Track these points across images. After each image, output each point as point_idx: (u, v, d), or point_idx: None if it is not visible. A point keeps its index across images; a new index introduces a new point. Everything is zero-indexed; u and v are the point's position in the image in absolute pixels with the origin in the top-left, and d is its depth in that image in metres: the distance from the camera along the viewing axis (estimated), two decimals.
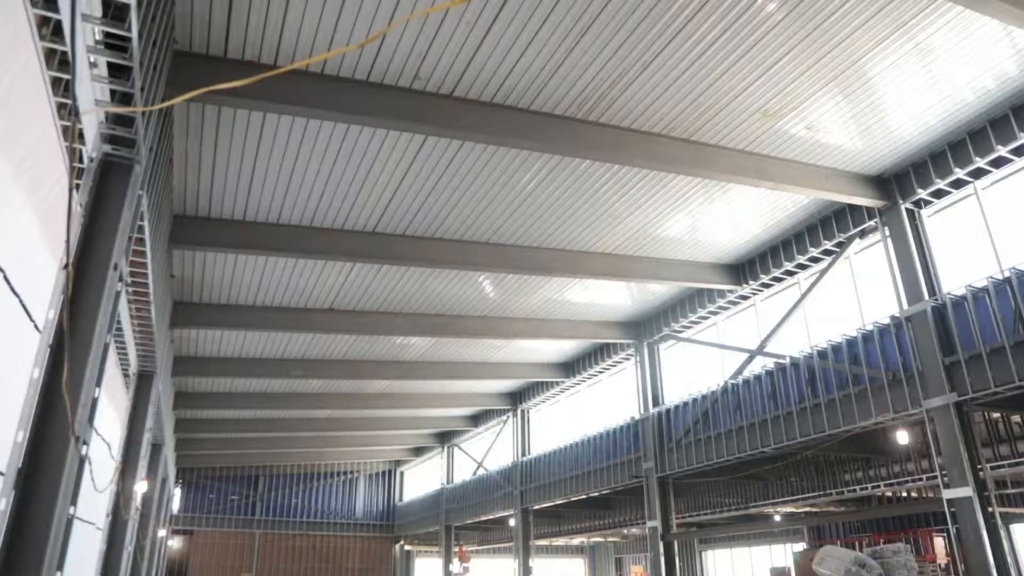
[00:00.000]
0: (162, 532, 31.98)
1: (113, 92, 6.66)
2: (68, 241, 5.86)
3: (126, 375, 15.00)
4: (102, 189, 7.43)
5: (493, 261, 15.72)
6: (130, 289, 11.22)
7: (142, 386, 15.91)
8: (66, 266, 6.28)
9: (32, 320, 6.05)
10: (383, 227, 14.79)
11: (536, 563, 28.32)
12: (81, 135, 6.46)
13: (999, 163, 12.76)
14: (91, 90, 6.29)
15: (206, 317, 17.95)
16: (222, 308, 18.04)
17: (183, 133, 11.35)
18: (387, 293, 18.08)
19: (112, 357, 12.48)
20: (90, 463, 7.77)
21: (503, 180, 13.36)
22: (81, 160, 6.95)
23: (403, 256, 15.08)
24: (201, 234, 13.92)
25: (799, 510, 27.56)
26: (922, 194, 13.70)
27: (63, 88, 5.64)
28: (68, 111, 5.80)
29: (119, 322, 11.39)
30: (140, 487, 16.24)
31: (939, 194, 13.79)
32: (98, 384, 7.21)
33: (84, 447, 6.91)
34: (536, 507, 27.81)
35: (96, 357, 7.06)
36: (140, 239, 9.70)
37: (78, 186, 6.98)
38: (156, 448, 21.88)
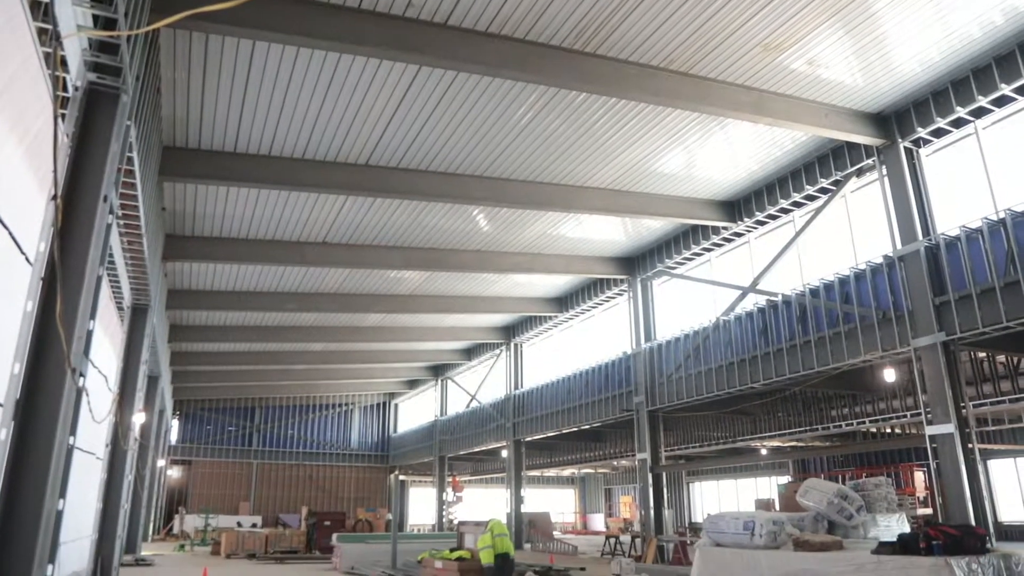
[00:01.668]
0: (161, 462, 32.64)
1: (96, 17, 6.45)
2: (55, 172, 5.77)
3: (120, 308, 15.01)
4: (89, 119, 7.27)
5: (487, 195, 15.60)
6: (121, 222, 11.12)
7: (136, 319, 15.95)
8: (54, 197, 6.20)
9: (23, 253, 6.01)
10: (376, 160, 14.61)
11: (528, 493, 29.05)
12: (64, 62, 6.28)
13: (1002, 102, 12.58)
14: (72, 15, 6.08)
15: (199, 250, 17.87)
16: (214, 241, 17.95)
17: (170, 62, 11.06)
18: (381, 227, 17.98)
19: (105, 290, 12.46)
20: (87, 394, 7.85)
21: (498, 113, 13.14)
22: (65, 89, 6.78)
23: (397, 189, 14.94)
24: (191, 166, 13.72)
25: (785, 444, 28.23)
26: (921, 133, 13.55)
27: (42, 12, 5.46)
28: (49, 36, 5.62)
29: (111, 255, 11.34)
30: (138, 418, 16.48)
31: (939, 133, 13.64)
32: (92, 316, 7.21)
33: (81, 379, 6.96)
34: (528, 439, 28.38)
35: (89, 290, 7.04)
36: (129, 171, 9.56)
37: (64, 116, 6.83)
38: (153, 380, 22.11)
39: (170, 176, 13.61)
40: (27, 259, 6.20)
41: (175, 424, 39.39)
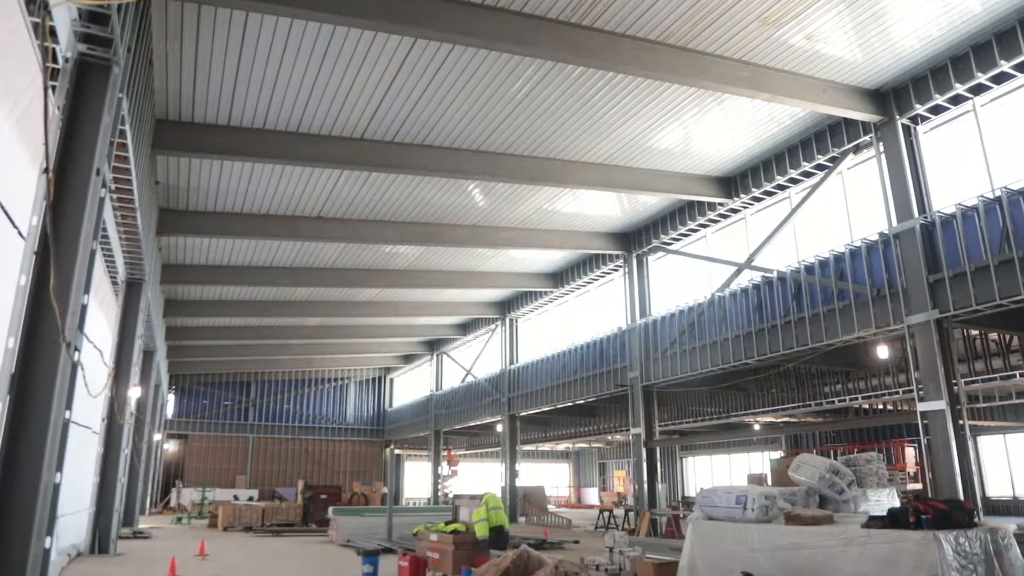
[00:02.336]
0: (158, 436, 32.75)
1: None
2: (47, 145, 5.72)
3: (114, 283, 14.98)
4: (80, 91, 7.19)
5: (483, 169, 15.52)
6: (114, 195, 11.06)
7: (131, 293, 15.93)
8: (46, 171, 6.15)
9: (15, 226, 5.97)
10: (371, 134, 14.50)
11: (522, 467, 29.30)
12: (53, 33, 6.19)
13: (1000, 79, 12.51)
14: None
15: (193, 224, 17.78)
16: (209, 215, 17.86)
17: (162, 34, 10.91)
18: (375, 201, 17.90)
19: (99, 264, 12.42)
20: (82, 368, 7.85)
21: (494, 86, 13.02)
22: (55, 60, 6.69)
23: (392, 163, 14.85)
24: (185, 139, 13.61)
25: (778, 420, 28.44)
26: (919, 109, 13.48)
27: None
28: (38, 5, 5.54)
29: (104, 229, 11.28)
30: (134, 392, 16.51)
31: (937, 110, 13.59)
32: (86, 291, 7.19)
33: (76, 353, 6.96)
34: (523, 413, 28.54)
35: (83, 264, 7.01)
36: (122, 144, 9.49)
37: (54, 88, 6.75)
38: (148, 355, 22.12)
39: (163, 150, 13.50)
40: (20, 233, 6.16)
41: (171, 398, 39.47)
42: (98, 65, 7.29)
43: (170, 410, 39.22)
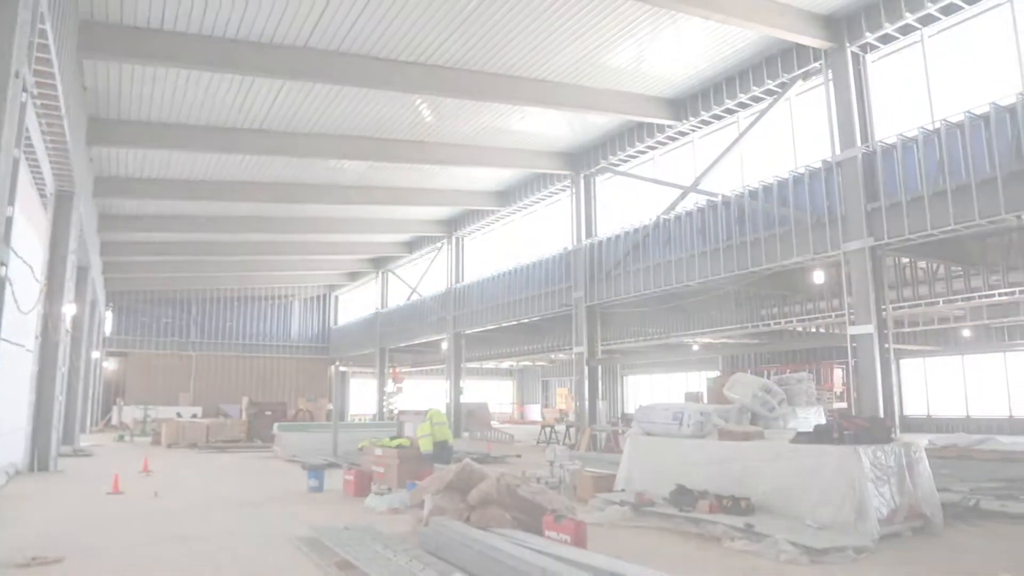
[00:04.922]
0: (96, 354, 32.04)
1: None
2: None
3: (43, 195, 14.30)
4: None
5: (430, 84, 15.09)
6: (37, 101, 10.41)
7: (61, 206, 15.27)
8: None
9: None
10: (315, 42, 13.86)
11: (467, 384, 29.75)
12: None
13: (950, 10, 12.60)
14: None
15: (127, 135, 16.96)
16: (143, 125, 17.01)
17: None
18: (319, 114, 17.29)
19: (25, 175, 11.81)
20: (11, 284, 7.55)
21: None
22: None
23: (336, 75, 14.32)
24: (115, 43, 12.80)
25: (716, 341, 29.38)
26: (869, 38, 13.53)
27: None
28: None
29: (28, 137, 10.67)
30: (69, 309, 16.01)
31: (886, 39, 13.65)
32: (11, 202, 6.85)
33: (2, 268, 6.67)
34: (468, 332, 28.82)
35: (5, 173, 6.66)
36: (43, 44, 8.88)
37: None
38: (83, 271, 21.39)
39: (91, 53, 12.69)
40: None
41: (109, 316, 38.42)
42: None
43: (108, 328, 38.26)
